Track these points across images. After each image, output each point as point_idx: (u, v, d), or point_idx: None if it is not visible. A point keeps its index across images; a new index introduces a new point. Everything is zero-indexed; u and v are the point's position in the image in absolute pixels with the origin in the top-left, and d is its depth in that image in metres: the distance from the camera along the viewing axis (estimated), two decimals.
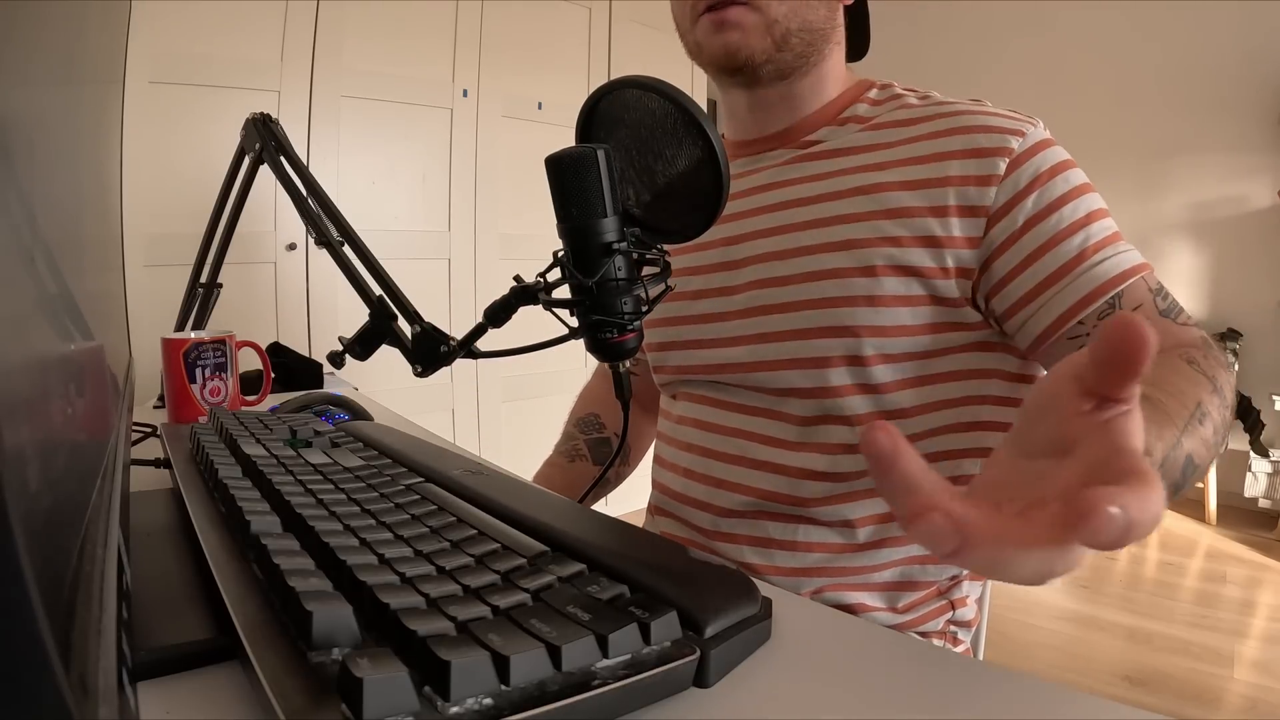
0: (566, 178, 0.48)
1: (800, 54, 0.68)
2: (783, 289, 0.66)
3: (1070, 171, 0.61)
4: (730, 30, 0.65)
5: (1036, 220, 0.59)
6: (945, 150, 0.62)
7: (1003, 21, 3.51)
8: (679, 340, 0.75)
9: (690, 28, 0.68)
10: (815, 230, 0.66)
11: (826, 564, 0.66)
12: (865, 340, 0.63)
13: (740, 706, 0.31)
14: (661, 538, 0.43)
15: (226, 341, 0.84)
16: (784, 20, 0.65)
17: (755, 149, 0.73)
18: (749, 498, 0.68)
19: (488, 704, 0.25)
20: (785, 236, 0.67)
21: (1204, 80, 3.05)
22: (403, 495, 0.45)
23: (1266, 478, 2.94)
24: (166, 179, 1.83)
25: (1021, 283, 0.60)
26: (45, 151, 0.24)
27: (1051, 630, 2.04)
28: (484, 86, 2.42)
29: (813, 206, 0.67)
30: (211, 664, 0.33)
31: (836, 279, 0.64)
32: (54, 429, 0.21)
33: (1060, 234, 0.59)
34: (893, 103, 0.69)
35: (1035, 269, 0.60)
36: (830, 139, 0.69)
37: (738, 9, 0.65)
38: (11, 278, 0.17)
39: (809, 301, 0.65)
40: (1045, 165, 0.60)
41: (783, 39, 0.66)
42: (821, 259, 0.65)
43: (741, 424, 0.69)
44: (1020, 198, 0.59)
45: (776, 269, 0.67)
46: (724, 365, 0.71)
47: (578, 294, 0.51)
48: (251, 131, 0.76)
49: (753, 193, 0.71)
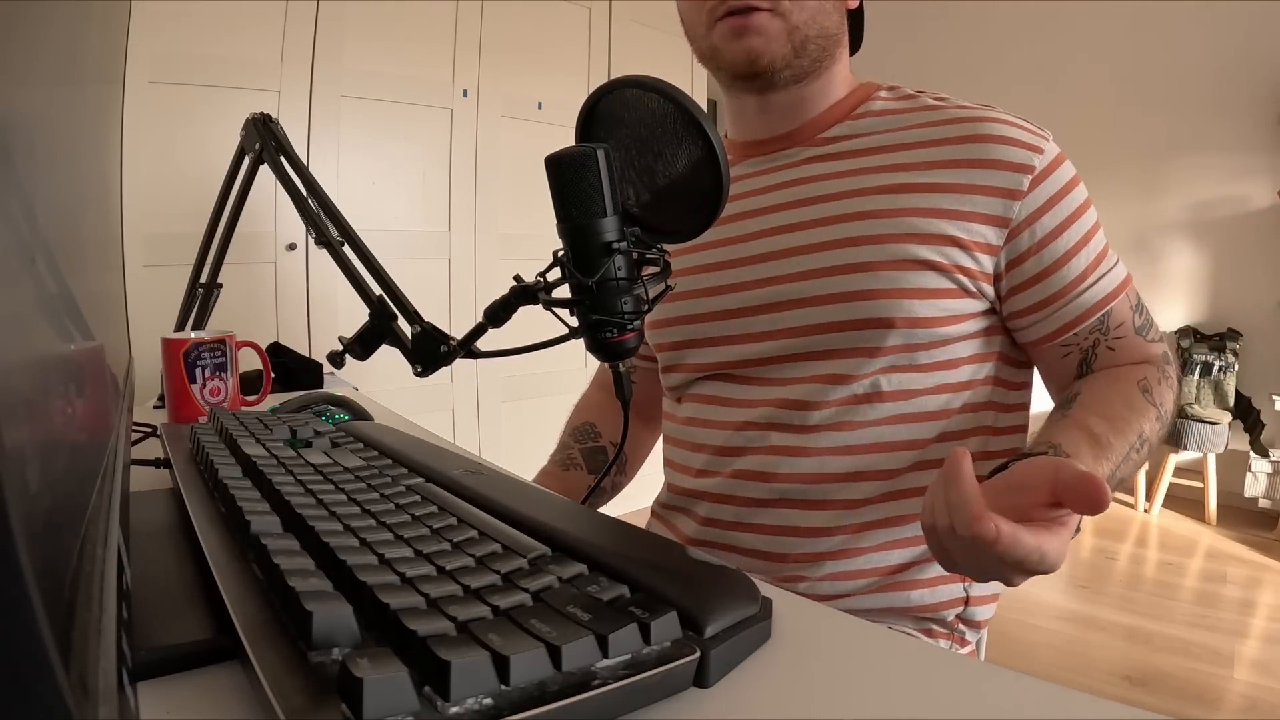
0: (566, 177, 0.48)
1: (815, 59, 0.69)
2: (808, 283, 0.67)
3: (1077, 189, 0.66)
4: (753, 36, 0.65)
5: (1051, 238, 0.65)
6: (970, 157, 0.65)
7: (1003, 21, 3.51)
8: (697, 338, 0.75)
9: (705, 32, 0.68)
10: (841, 225, 0.67)
11: (847, 545, 0.67)
12: (893, 331, 0.65)
13: (740, 706, 0.31)
14: (661, 538, 0.43)
15: (226, 341, 0.84)
16: (804, 26, 0.66)
17: (768, 148, 0.74)
18: (772, 484, 0.69)
19: (488, 704, 0.25)
20: (809, 231, 0.68)
21: (1204, 80, 3.05)
22: (403, 495, 0.45)
23: (1266, 478, 2.94)
24: (166, 179, 1.83)
25: (1031, 294, 0.66)
26: (45, 151, 0.24)
27: (1051, 630, 2.04)
28: (484, 87, 2.42)
29: (839, 202, 0.68)
30: (211, 664, 0.33)
31: (866, 272, 0.65)
32: (54, 429, 0.21)
33: (1068, 253, 0.65)
34: (907, 101, 0.70)
35: (1045, 284, 0.66)
36: (850, 136, 0.70)
37: (762, 15, 0.65)
38: (12, 278, 0.17)
39: (837, 295, 0.66)
40: (1059, 183, 0.65)
41: (801, 45, 0.67)
42: (847, 253, 0.66)
43: (758, 417, 0.70)
44: (1039, 214, 0.65)
45: (801, 263, 0.68)
46: (744, 361, 0.71)
47: (578, 294, 0.51)
48: (251, 131, 0.76)
49: (769, 190, 0.72)
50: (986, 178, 0.64)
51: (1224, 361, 2.95)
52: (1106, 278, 0.67)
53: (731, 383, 0.73)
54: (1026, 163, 0.64)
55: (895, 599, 0.67)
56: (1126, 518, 2.96)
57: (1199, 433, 2.82)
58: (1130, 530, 2.84)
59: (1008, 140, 0.64)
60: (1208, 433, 2.81)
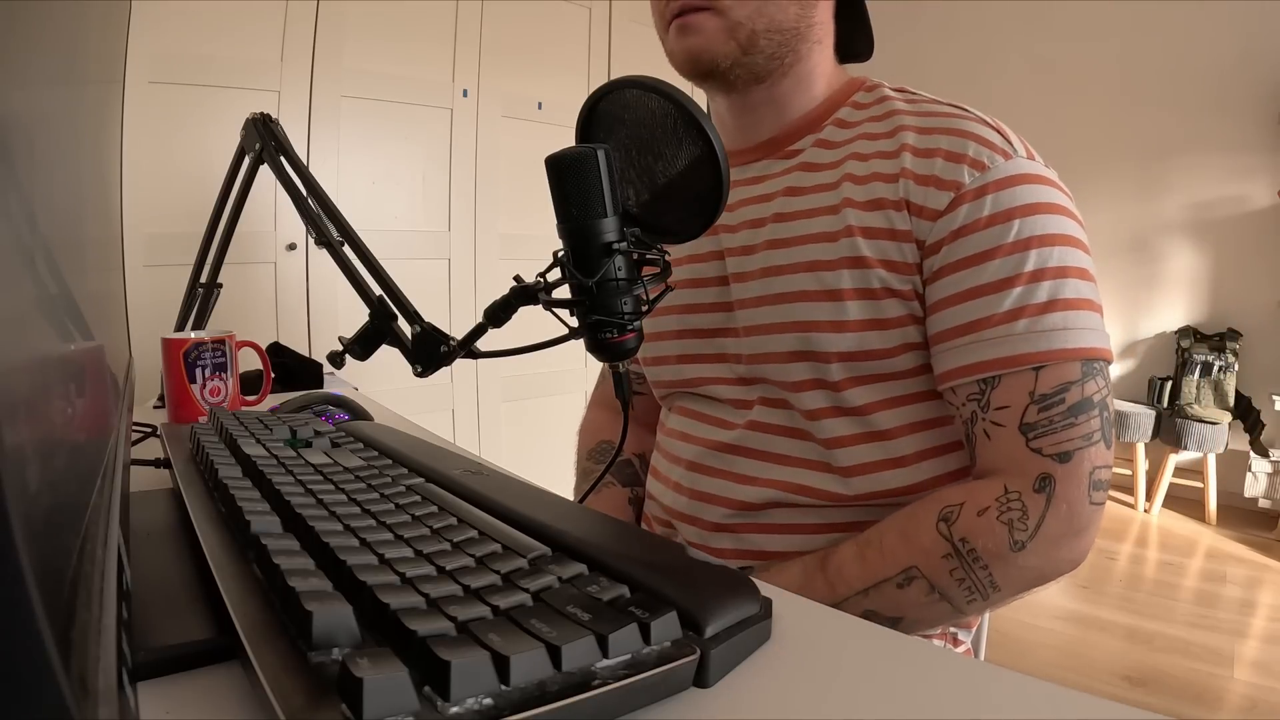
0: (566, 178, 0.48)
1: (772, 55, 0.65)
2: (758, 310, 0.66)
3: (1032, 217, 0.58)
4: (692, 35, 0.64)
5: (958, 267, 0.59)
6: (915, 171, 0.60)
7: (1003, 21, 3.50)
8: (669, 355, 0.75)
9: (664, 34, 0.68)
10: (789, 249, 0.65)
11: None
12: (832, 365, 0.62)
13: (740, 706, 0.31)
14: (661, 538, 0.43)
15: (226, 341, 0.84)
16: (748, 22, 0.63)
17: (744, 159, 0.71)
18: (731, 510, 0.68)
19: (488, 704, 0.25)
20: (766, 254, 0.66)
21: (1204, 80, 3.05)
22: (403, 495, 0.45)
23: (1266, 478, 2.93)
24: (166, 179, 1.83)
25: (931, 324, 0.61)
26: (45, 151, 0.24)
27: (1051, 630, 2.04)
28: (484, 87, 2.42)
29: (790, 224, 0.65)
30: (211, 664, 0.33)
31: (805, 302, 0.63)
32: (54, 429, 0.21)
33: (975, 289, 0.58)
34: (878, 106, 0.67)
35: (938, 318, 0.60)
36: (808, 150, 0.67)
37: (699, 14, 0.63)
38: (11, 278, 0.17)
39: (778, 325, 0.64)
40: (999, 206, 0.58)
41: (749, 41, 0.64)
42: (791, 279, 0.64)
43: (727, 438, 0.69)
44: (955, 236, 0.58)
45: (751, 289, 0.67)
46: (717, 379, 0.71)
47: (578, 294, 0.51)
48: (251, 131, 0.76)
49: (741, 206, 0.70)
50: (922, 195, 0.59)
51: (1224, 361, 2.95)
52: (1027, 337, 0.55)
53: (709, 401, 0.72)
54: (956, 179, 0.58)
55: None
56: (1127, 518, 2.96)
57: (1199, 433, 2.82)
58: (1130, 530, 2.84)
59: (950, 155, 0.59)
60: (1207, 433, 2.81)
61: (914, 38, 3.66)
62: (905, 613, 0.58)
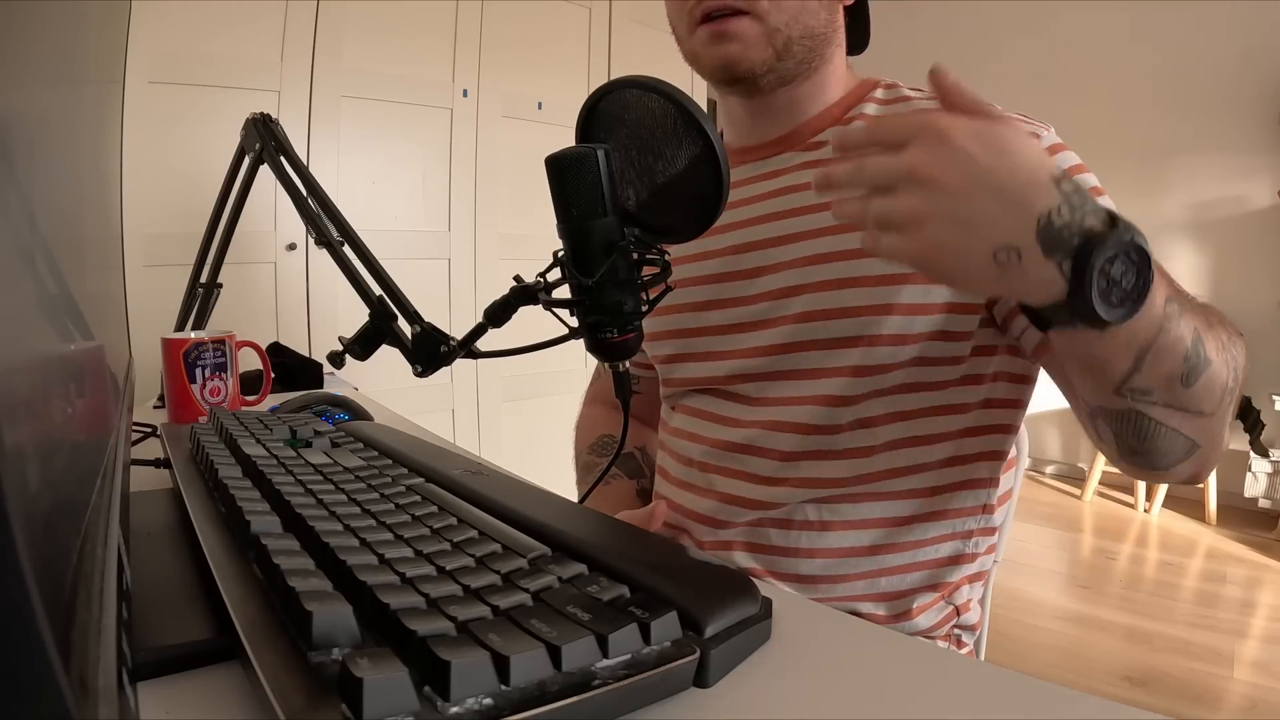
0: (566, 178, 0.48)
1: (802, 60, 0.66)
2: (799, 298, 0.65)
3: (1081, 176, 0.60)
4: (730, 42, 0.63)
5: None
6: None
7: (1003, 21, 3.51)
8: (688, 353, 0.73)
9: (687, 35, 0.66)
10: (826, 238, 0.64)
11: (828, 571, 0.65)
12: (881, 349, 0.62)
13: (740, 706, 0.31)
14: (661, 538, 0.43)
15: (226, 341, 0.84)
16: (785, 28, 0.63)
17: (761, 154, 0.71)
18: (746, 509, 0.67)
19: (488, 704, 0.25)
20: (797, 244, 0.66)
21: (1204, 80, 3.05)
22: (403, 495, 0.45)
23: (1266, 478, 2.93)
24: (166, 179, 1.83)
25: None
26: (45, 151, 0.24)
27: (1051, 630, 2.04)
28: (484, 86, 2.41)
29: (825, 213, 0.64)
30: (211, 664, 0.33)
31: (855, 288, 0.62)
32: (54, 429, 0.21)
33: None
34: (901, 104, 0.67)
35: None
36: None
37: (738, 20, 0.62)
38: (11, 278, 0.17)
39: (825, 311, 0.64)
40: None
41: (784, 47, 0.64)
42: (831, 268, 0.63)
43: (740, 437, 0.68)
44: None
45: (791, 278, 0.66)
46: (736, 376, 0.69)
47: (578, 294, 0.51)
48: (251, 131, 0.76)
49: (761, 199, 0.69)
50: None
51: None
52: None
53: (720, 399, 0.71)
54: None
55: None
56: (1126, 518, 2.96)
57: None
58: (1130, 530, 2.84)
59: None
60: None
61: (914, 38, 3.65)
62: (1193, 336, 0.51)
